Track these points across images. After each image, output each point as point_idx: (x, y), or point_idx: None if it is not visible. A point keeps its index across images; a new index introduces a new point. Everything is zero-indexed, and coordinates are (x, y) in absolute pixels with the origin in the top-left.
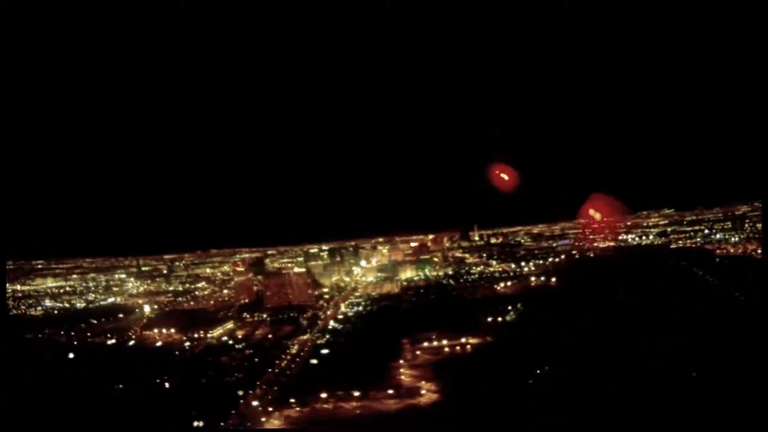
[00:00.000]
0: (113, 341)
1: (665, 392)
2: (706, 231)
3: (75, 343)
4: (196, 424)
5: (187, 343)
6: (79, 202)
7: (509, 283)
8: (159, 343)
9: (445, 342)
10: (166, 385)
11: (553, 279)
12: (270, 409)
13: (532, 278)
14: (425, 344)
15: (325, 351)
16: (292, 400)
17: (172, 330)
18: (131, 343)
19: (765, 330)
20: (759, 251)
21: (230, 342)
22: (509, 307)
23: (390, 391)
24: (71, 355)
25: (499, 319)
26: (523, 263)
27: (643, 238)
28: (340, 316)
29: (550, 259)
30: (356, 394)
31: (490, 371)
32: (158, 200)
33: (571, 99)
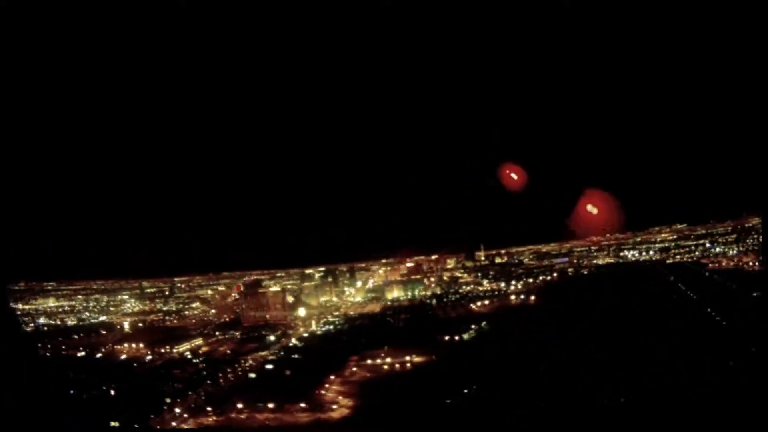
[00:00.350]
0: (82, 354)
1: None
2: (708, 245)
3: (47, 354)
4: (113, 424)
5: (149, 357)
6: (97, 227)
7: (487, 302)
8: (123, 356)
9: (389, 360)
10: (112, 392)
11: (532, 297)
12: (185, 415)
13: (513, 297)
14: (368, 361)
15: (269, 366)
16: (209, 409)
17: (141, 345)
18: (98, 355)
19: (725, 346)
20: (751, 264)
21: (189, 356)
22: (473, 326)
23: (303, 405)
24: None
25: (456, 337)
26: (513, 282)
27: (644, 253)
28: (306, 335)
29: (541, 278)
30: (270, 406)
31: (415, 389)
32: (172, 223)
33: (587, 116)
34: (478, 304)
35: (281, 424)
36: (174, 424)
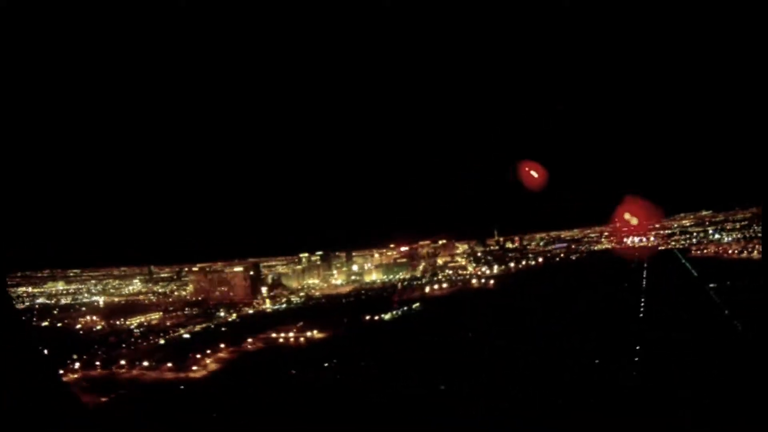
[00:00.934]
0: (45, 324)
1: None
2: (710, 231)
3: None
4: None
5: (98, 327)
6: (123, 216)
7: (445, 285)
8: (78, 326)
9: (291, 334)
10: (46, 351)
11: (491, 282)
12: (78, 368)
13: (474, 281)
14: (273, 335)
15: (186, 336)
16: (98, 363)
17: (100, 317)
18: (58, 325)
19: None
20: (731, 252)
21: (133, 328)
22: (404, 307)
23: (170, 364)
24: None
25: (376, 317)
26: (495, 266)
27: (642, 240)
28: (251, 311)
29: (524, 262)
30: (145, 364)
31: (285, 361)
32: (199, 213)
33: (618, 103)
34: (435, 287)
35: (151, 379)
36: (60, 373)
